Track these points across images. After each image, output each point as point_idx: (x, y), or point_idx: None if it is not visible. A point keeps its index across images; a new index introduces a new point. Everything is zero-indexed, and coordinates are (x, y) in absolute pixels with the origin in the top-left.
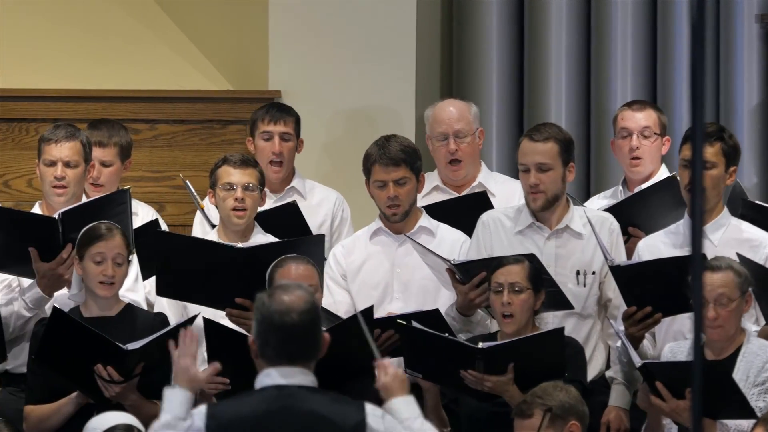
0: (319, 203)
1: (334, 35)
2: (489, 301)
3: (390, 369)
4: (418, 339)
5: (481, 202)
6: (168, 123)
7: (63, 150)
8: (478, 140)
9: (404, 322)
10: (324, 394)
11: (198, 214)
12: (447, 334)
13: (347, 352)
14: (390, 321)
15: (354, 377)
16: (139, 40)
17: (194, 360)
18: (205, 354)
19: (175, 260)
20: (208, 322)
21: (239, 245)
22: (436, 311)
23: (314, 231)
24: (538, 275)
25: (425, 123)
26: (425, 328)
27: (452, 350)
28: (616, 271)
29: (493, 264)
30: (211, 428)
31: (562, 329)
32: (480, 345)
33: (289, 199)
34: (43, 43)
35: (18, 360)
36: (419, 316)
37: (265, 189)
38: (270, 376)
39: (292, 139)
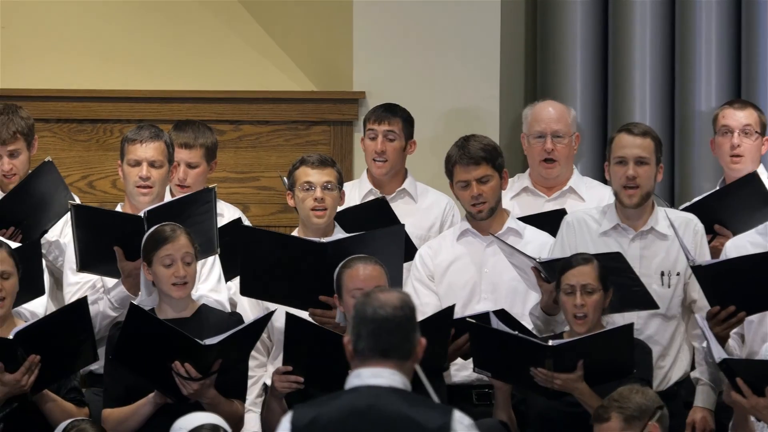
0: (429, 207)
1: (418, 35)
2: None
3: None
4: (488, 337)
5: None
6: (252, 124)
7: (148, 150)
8: (574, 144)
9: (473, 321)
10: (411, 396)
11: None
12: (516, 332)
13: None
14: (461, 320)
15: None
16: (223, 41)
17: None
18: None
19: (258, 256)
20: (290, 317)
21: (322, 239)
22: (502, 311)
23: (423, 234)
24: (605, 274)
25: (523, 121)
26: (494, 326)
27: (521, 348)
28: (698, 270)
29: (561, 264)
30: (296, 429)
31: (631, 325)
32: (549, 342)
33: (399, 201)
34: (127, 45)
35: (102, 360)
36: (488, 316)
37: (373, 189)
38: (359, 377)
39: (397, 138)
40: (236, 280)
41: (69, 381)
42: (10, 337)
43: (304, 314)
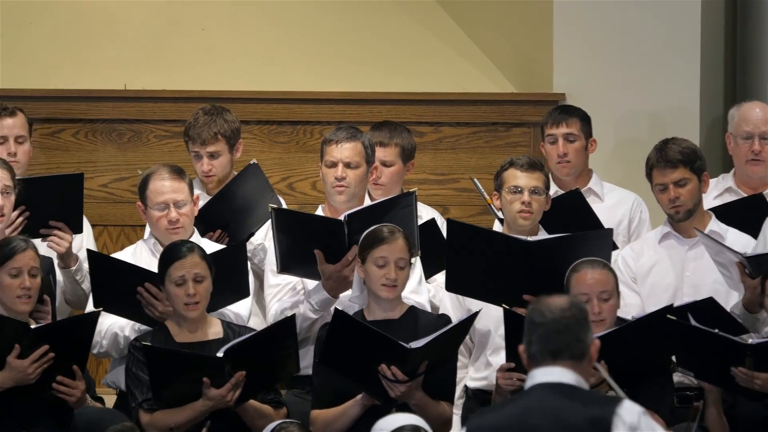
0: (616, 204)
1: (618, 37)
2: None
3: None
4: (688, 335)
5: (761, 204)
6: (452, 126)
7: (343, 151)
8: None
9: (674, 318)
10: (581, 390)
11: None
12: (717, 330)
13: (639, 352)
14: (660, 316)
15: (649, 377)
16: (422, 43)
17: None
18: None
19: (465, 253)
20: (507, 312)
21: (529, 238)
22: (710, 299)
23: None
24: None
25: (729, 121)
26: (695, 323)
27: (721, 346)
28: None
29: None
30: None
31: None
32: (750, 341)
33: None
34: (327, 46)
35: (302, 362)
36: (694, 307)
37: (558, 190)
38: (532, 378)
39: (577, 139)
40: (435, 284)
41: None
42: (220, 355)
43: None
